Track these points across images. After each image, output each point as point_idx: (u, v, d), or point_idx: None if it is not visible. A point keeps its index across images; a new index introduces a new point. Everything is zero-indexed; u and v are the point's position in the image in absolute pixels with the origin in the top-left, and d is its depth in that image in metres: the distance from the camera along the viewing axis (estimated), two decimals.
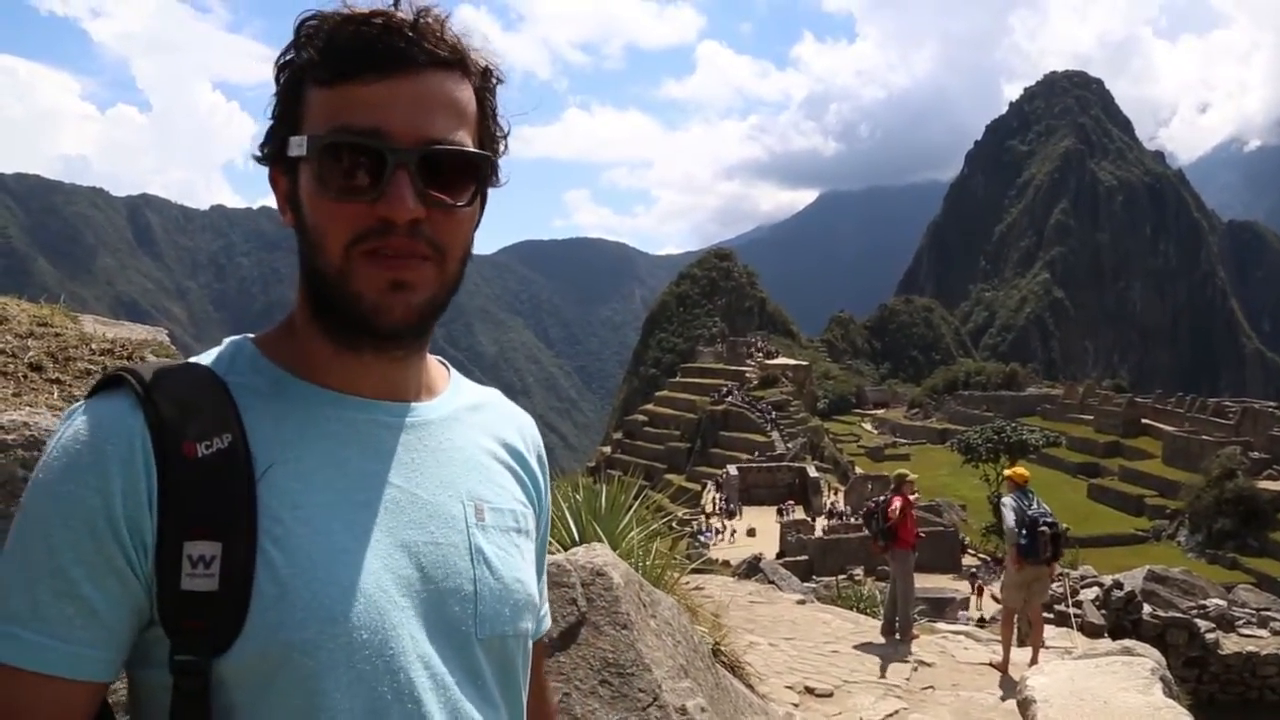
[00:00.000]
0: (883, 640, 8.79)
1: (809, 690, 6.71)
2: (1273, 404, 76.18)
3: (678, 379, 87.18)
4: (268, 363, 0.95)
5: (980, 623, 15.86)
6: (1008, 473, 8.70)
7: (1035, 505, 8.07)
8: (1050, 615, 10.76)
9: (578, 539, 4.21)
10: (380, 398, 0.96)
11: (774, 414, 66.80)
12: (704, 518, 42.28)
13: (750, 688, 4.78)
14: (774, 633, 8.52)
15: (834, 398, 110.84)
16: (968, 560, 38.75)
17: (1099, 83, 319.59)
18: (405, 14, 0.90)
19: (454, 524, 0.95)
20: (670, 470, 63.09)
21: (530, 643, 1.04)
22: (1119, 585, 13.00)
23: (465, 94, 0.93)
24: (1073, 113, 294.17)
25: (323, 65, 0.89)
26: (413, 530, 0.92)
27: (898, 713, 6.57)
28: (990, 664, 8.36)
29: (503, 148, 0.99)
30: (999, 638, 8.88)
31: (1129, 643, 7.58)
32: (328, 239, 0.89)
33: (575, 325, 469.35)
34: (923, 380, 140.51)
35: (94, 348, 2.68)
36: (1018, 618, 8.62)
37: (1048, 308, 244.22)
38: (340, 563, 0.86)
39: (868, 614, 11.04)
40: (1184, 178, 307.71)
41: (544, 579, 1.12)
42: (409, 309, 0.91)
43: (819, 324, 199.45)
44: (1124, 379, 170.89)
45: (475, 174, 0.94)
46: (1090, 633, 11.01)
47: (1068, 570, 14.40)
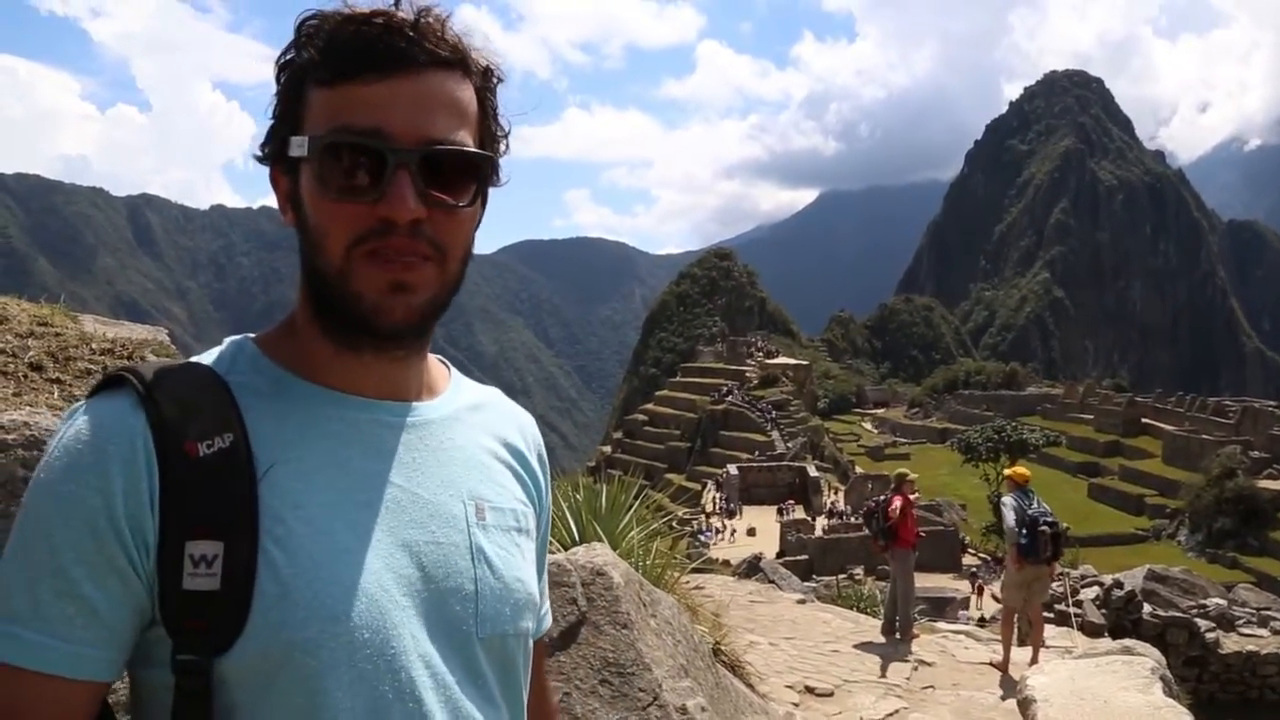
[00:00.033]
0: (883, 640, 8.79)
1: (809, 690, 6.71)
2: (1273, 403, 76.14)
3: (678, 378, 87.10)
4: (269, 362, 0.95)
5: (980, 622, 15.87)
6: (1008, 472, 8.70)
7: (1035, 505, 8.07)
8: (1050, 615, 10.76)
9: (578, 538, 4.21)
10: (381, 397, 0.96)
11: (774, 413, 66.79)
12: (704, 517, 42.26)
13: (750, 687, 4.78)
14: (774, 632, 8.52)
15: (834, 397, 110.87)
16: (968, 560, 38.80)
17: (1099, 82, 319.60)
18: (406, 14, 0.90)
19: (455, 523, 0.95)
20: (670, 470, 63.04)
21: (531, 642, 1.04)
22: (1119, 585, 13.01)
23: (466, 94, 0.93)
24: (1073, 112, 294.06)
25: (323, 65, 0.89)
26: (414, 530, 0.92)
27: (898, 712, 6.57)
28: (990, 663, 8.36)
29: (503, 147, 0.99)
30: (999, 637, 8.88)
31: (1129, 642, 7.58)
32: (329, 239, 0.89)
33: (575, 325, 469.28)
34: (923, 380, 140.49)
35: (94, 347, 2.68)
36: (1018, 617, 8.62)
37: (1048, 307, 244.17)
38: (342, 562, 0.87)
39: (868, 613, 11.04)
40: (1184, 177, 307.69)
41: (544, 578, 1.12)
42: (409, 310, 0.91)
43: (819, 323, 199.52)
44: (1124, 378, 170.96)
45: (476, 174, 0.94)
46: (1090, 632, 11.01)
47: (1068, 570, 14.39)
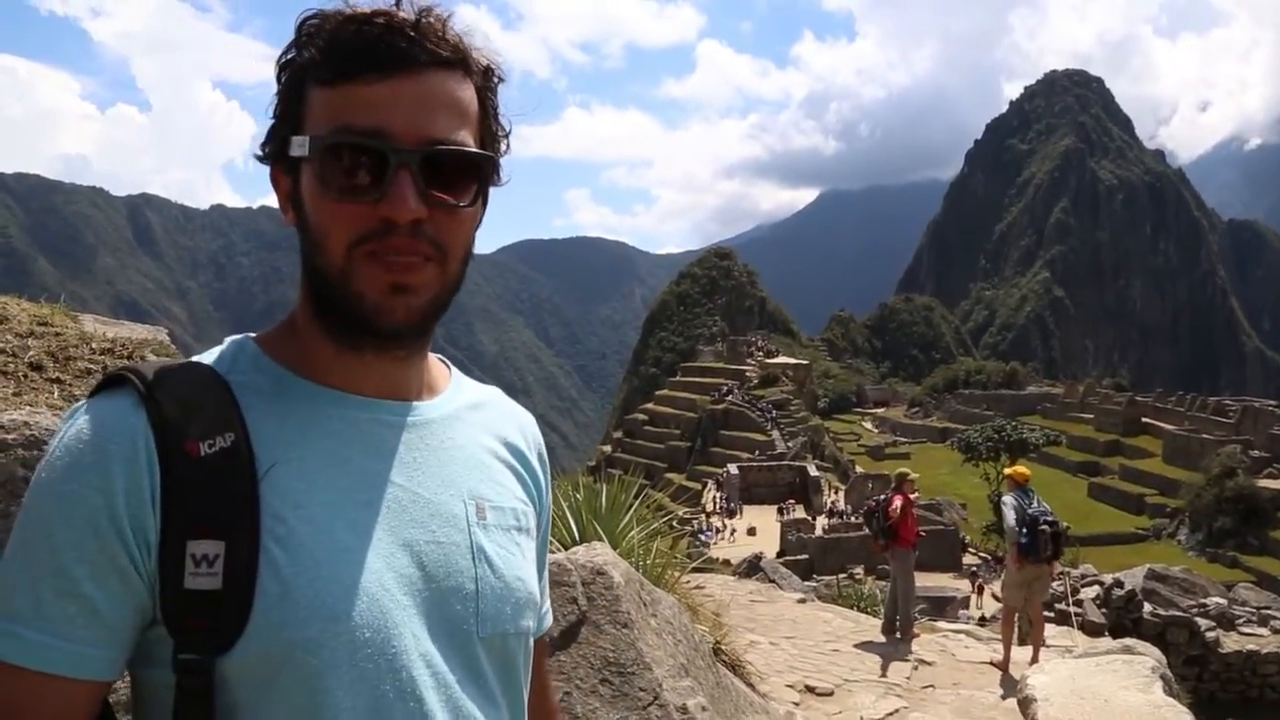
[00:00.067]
0: (883, 639, 8.79)
1: (810, 689, 6.70)
2: (1273, 402, 76.11)
3: (678, 378, 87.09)
4: (270, 362, 0.95)
5: (981, 621, 15.87)
6: (1008, 471, 8.70)
7: (1036, 504, 8.07)
8: (1051, 614, 10.77)
9: (578, 538, 4.21)
10: (382, 397, 0.96)
11: (774, 413, 66.80)
12: (704, 517, 42.28)
13: (751, 686, 4.78)
14: (774, 631, 8.52)
15: (834, 396, 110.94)
16: (968, 559, 38.84)
17: (1099, 81, 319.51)
18: (407, 14, 0.90)
19: (455, 523, 0.95)
20: (671, 469, 63.02)
21: (532, 641, 1.04)
22: (1119, 584, 13.01)
23: (467, 94, 0.93)
24: (1073, 111, 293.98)
25: (324, 65, 0.89)
26: (415, 529, 0.92)
27: (898, 711, 6.57)
28: (991, 662, 8.36)
29: (504, 147, 0.99)
30: (999, 636, 8.88)
31: (1129, 641, 7.57)
32: (330, 239, 0.89)
33: (575, 324, 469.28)
34: (923, 379, 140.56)
35: (94, 347, 2.68)
36: (1018, 616, 8.62)
37: (1048, 306, 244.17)
38: (343, 562, 0.87)
39: (868, 613, 11.04)
40: (1184, 176, 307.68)
41: (545, 577, 1.12)
42: (410, 310, 0.91)
43: (819, 323, 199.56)
44: (1124, 378, 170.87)
45: (477, 174, 0.94)
46: (1091, 631, 11.01)
47: (1068, 569, 14.39)
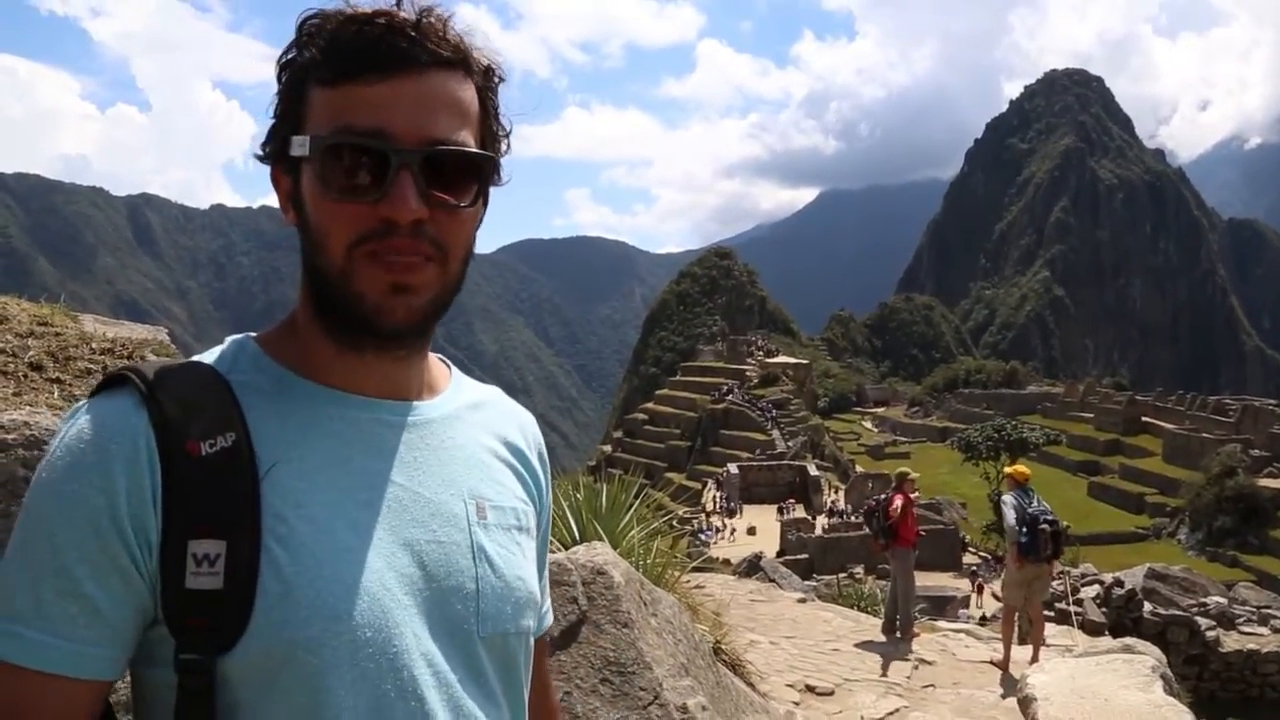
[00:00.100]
0: (883, 638, 8.79)
1: (810, 688, 6.70)
2: (1273, 402, 76.12)
3: (678, 377, 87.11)
4: (270, 361, 0.95)
5: (981, 621, 15.88)
6: (1008, 470, 8.70)
7: (1036, 503, 8.07)
8: (1051, 613, 10.77)
9: (578, 537, 4.21)
10: (383, 397, 0.96)
11: (774, 412, 66.81)
12: (704, 516, 42.28)
13: (751, 686, 4.78)
14: (775, 631, 8.52)
15: (834, 396, 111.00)
16: (968, 558, 38.85)
17: (1099, 81, 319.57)
18: (408, 14, 0.90)
19: (456, 522, 0.95)
20: (671, 469, 63.04)
21: (532, 640, 1.04)
22: (1119, 583, 13.01)
23: (468, 94, 0.93)
24: (1073, 111, 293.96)
25: (325, 65, 0.89)
26: (415, 529, 0.92)
27: (899, 711, 6.56)
28: (991, 662, 8.36)
29: (505, 147, 0.99)
30: (1000, 636, 8.88)
31: (1130, 640, 7.57)
32: (330, 239, 0.89)
33: (575, 324, 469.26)
34: (923, 378, 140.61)
35: (94, 347, 2.68)
36: (1018, 615, 8.62)
37: (1048, 306, 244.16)
38: (344, 561, 0.87)
39: (868, 612, 11.04)
40: (1184, 175, 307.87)
41: (545, 576, 1.12)
42: (411, 310, 0.91)
43: (819, 322, 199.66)
44: (1124, 377, 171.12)
45: (478, 174, 0.94)
46: (1091, 630, 11.01)
47: (1068, 568, 14.40)
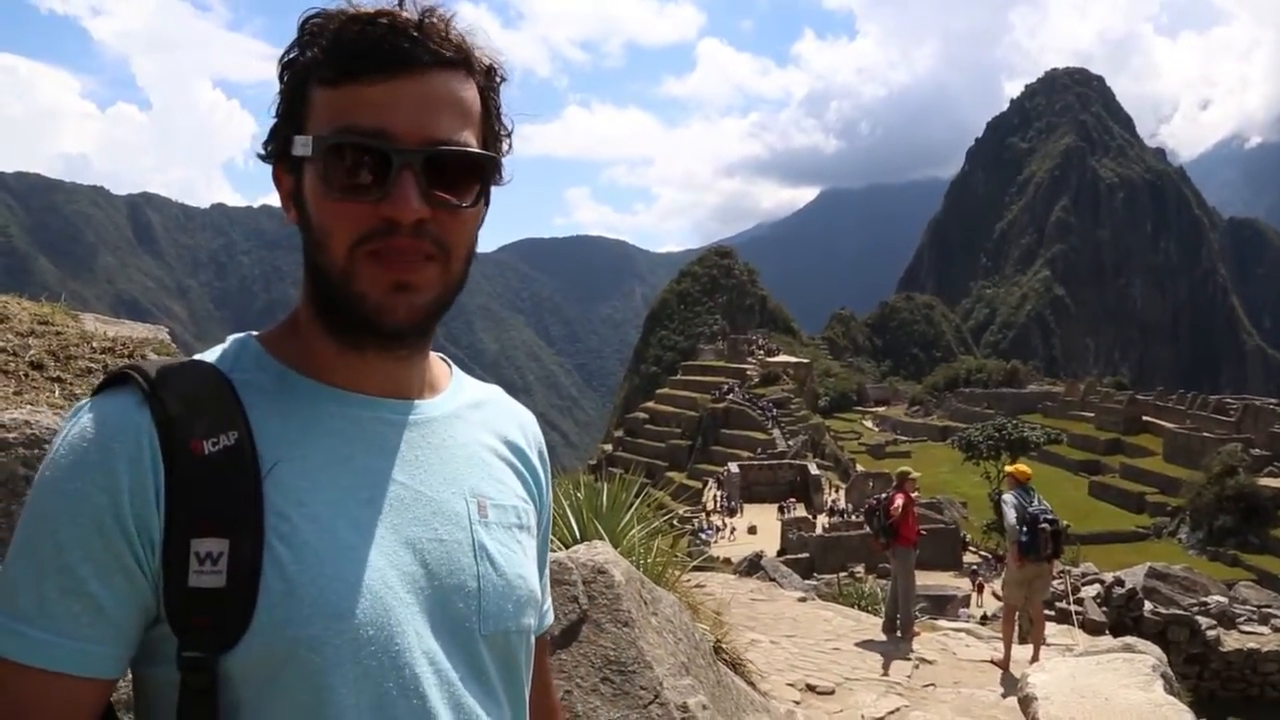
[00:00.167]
0: (884, 638, 8.80)
1: (810, 688, 6.71)
2: (1273, 401, 76.07)
3: (679, 377, 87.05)
4: (272, 360, 0.95)
5: (981, 620, 15.87)
6: (1009, 470, 8.70)
7: (1036, 502, 8.07)
8: (1051, 612, 10.77)
9: (579, 537, 4.22)
10: (384, 395, 0.97)
11: (775, 411, 66.81)
12: (705, 515, 42.30)
13: (752, 685, 4.78)
14: (775, 630, 8.52)
15: (835, 395, 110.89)
16: (969, 558, 38.86)
17: (1100, 80, 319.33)
18: (410, 13, 0.90)
19: (457, 520, 0.96)
20: (671, 468, 63.04)
21: (533, 639, 1.04)
22: (1120, 582, 13.01)
23: (469, 93, 0.93)
24: (1073, 110, 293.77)
25: (327, 65, 0.89)
26: (417, 527, 0.93)
27: (899, 710, 6.57)
28: (991, 661, 8.37)
29: (506, 146, 0.99)
30: (1000, 635, 8.88)
31: (1130, 640, 7.57)
32: (332, 239, 0.89)
33: (576, 323, 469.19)
34: (924, 377, 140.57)
35: (95, 346, 2.67)
36: (1019, 615, 8.62)
37: (1048, 305, 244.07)
38: (346, 560, 0.87)
39: (869, 611, 11.05)
40: (1185, 174, 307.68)
41: (546, 575, 1.12)
42: (413, 309, 0.91)
43: (820, 321, 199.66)
44: (1125, 376, 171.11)
45: (480, 174, 0.94)
46: (1091, 630, 11.01)
47: (1069, 567, 14.41)
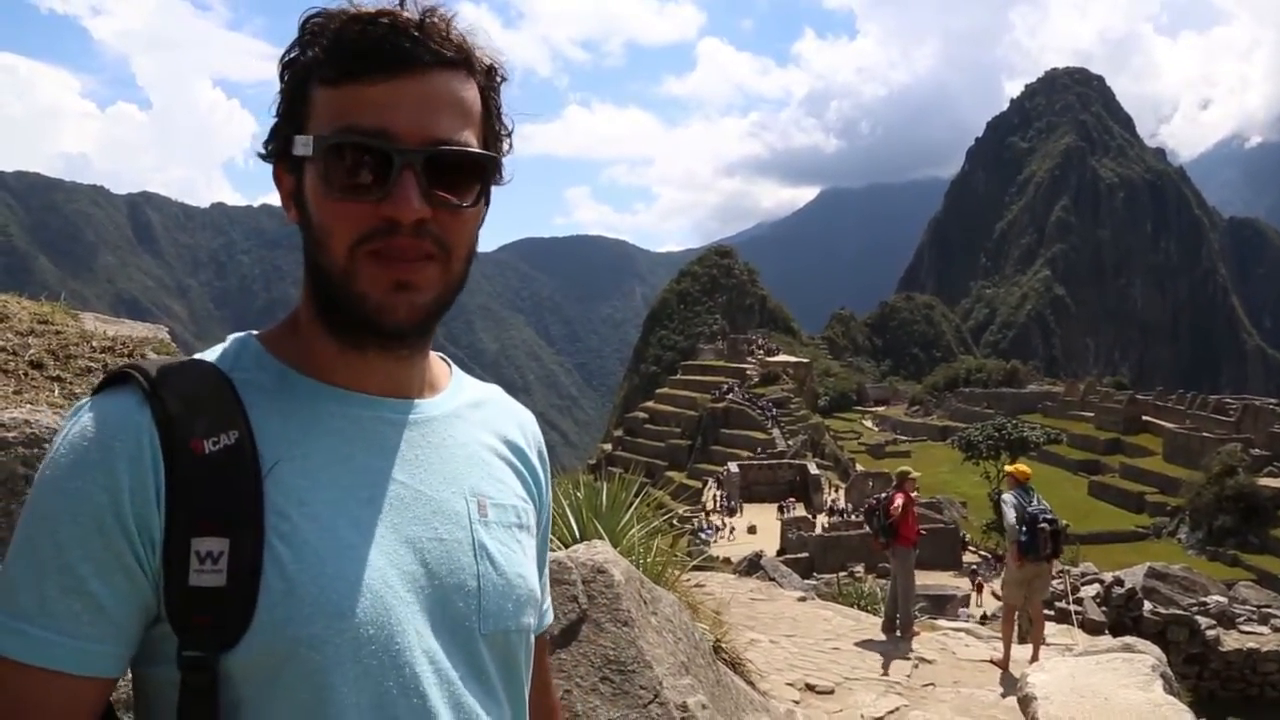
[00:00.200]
0: (884, 637, 8.80)
1: (810, 687, 6.71)
2: (1273, 401, 76.07)
3: (678, 376, 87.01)
4: (272, 359, 0.95)
5: (981, 620, 15.88)
6: (1008, 469, 8.70)
7: (1036, 502, 8.07)
8: (1051, 612, 10.77)
9: (579, 536, 4.22)
10: (385, 395, 0.97)
11: (775, 411, 66.80)
12: (705, 515, 42.31)
13: (751, 685, 4.78)
14: (775, 630, 8.52)
15: (835, 395, 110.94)
16: (968, 557, 38.90)
17: (1100, 79, 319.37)
18: (411, 13, 0.90)
19: (457, 520, 0.96)
20: (671, 467, 63.04)
21: (533, 638, 1.04)
22: (1120, 582, 13.01)
23: (470, 93, 0.93)
24: (1074, 109, 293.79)
25: (328, 64, 0.89)
26: (417, 526, 0.93)
27: (899, 709, 6.57)
28: (991, 661, 8.37)
29: (507, 146, 0.99)
30: (1000, 634, 8.89)
31: (1130, 639, 7.58)
32: (333, 238, 0.89)
33: (576, 323, 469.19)
34: (924, 377, 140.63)
35: (95, 345, 2.67)
36: (1018, 614, 8.63)
37: (1048, 305, 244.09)
38: (346, 559, 0.87)
39: (868, 611, 11.05)
40: (1185, 174, 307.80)
41: (545, 574, 1.13)
42: (413, 309, 0.91)
43: (820, 321, 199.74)
44: (1125, 376, 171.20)
45: (480, 174, 0.94)
46: (1091, 629, 11.01)
47: (1068, 567, 14.41)
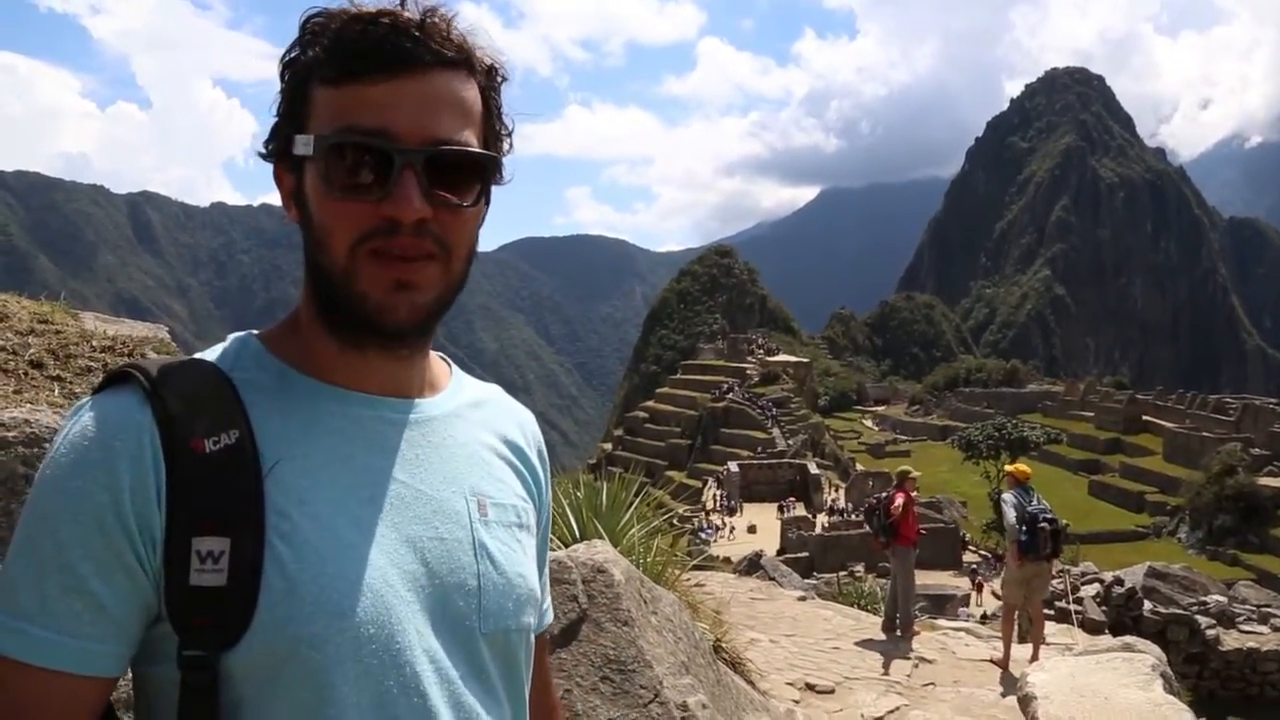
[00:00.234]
0: (884, 637, 8.80)
1: (810, 687, 6.71)
2: (1273, 400, 76.06)
3: (679, 376, 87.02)
4: (273, 359, 0.95)
5: (981, 619, 15.88)
6: (1008, 469, 8.70)
7: (1036, 502, 8.07)
8: (1051, 612, 10.77)
9: (579, 536, 4.22)
10: (385, 394, 0.97)
11: (775, 411, 66.80)
12: (705, 514, 42.33)
13: (751, 684, 4.79)
14: (775, 629, 8.52)
15: (835, 394, 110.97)
16: (968, 557, 38.91)
17: (1100, 79, 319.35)
18: (412, 13, 0.90)
19: (458, 519, 0.96)
20: (671, 467, 63.05)
21: (533, 637, 1.04)
22: (1120, 582, 13.01)
23: (471, 93, 0.93)
24: (1074, 109, 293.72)
25: (329, 64, 0.89)
26: (417, 525, 0.93)
27: (899, 709, 6.57)
28: (991, 660, 8.37)
29: (507, 146, 0.99)
30: (1000, 634, 8.89)
31: (1130, 639, 7.58)
32: (333, 238, 0.89)
33: (576, 322, 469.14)
34: (924, 377, 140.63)
35: (95, 345, 2.67)
36: (1018, 614, 8.63)
37: (1049, 304, 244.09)
38: (347, 558, 0.87)
39: (868, 610, 11.06)
40: (1185, 174, 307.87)
41: (546, 574, 1.13)
42: (414, 308, 0.91)
43: (820, 321, 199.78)
44: (1125, 376, 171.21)
45: (481, 174, 0.94)
46: (1091, 629, 11.01)
47: (1068, 567, 14.41)
